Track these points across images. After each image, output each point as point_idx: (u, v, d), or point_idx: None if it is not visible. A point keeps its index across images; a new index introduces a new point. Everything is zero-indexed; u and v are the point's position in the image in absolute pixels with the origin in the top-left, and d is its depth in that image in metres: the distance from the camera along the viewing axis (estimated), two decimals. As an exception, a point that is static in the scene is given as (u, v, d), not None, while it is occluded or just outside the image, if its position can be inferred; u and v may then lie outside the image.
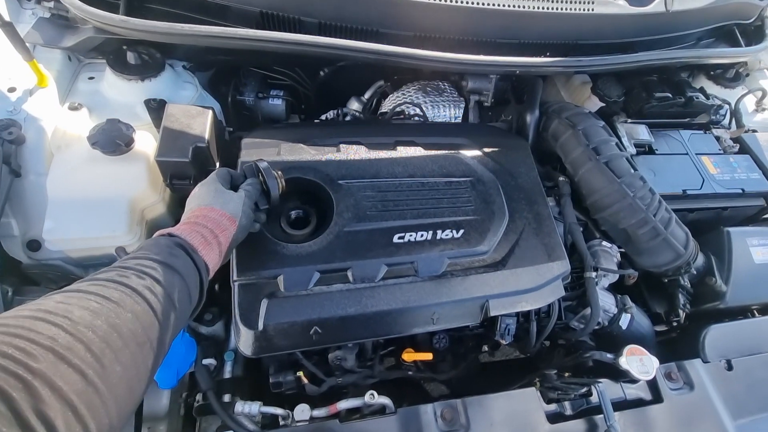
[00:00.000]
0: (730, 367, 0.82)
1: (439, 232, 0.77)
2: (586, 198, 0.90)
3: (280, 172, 0.68)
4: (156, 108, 0.84)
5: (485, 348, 0.92)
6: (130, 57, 0.85)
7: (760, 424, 0.77)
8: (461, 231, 0.78)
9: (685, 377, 0.79)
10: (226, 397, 0.76)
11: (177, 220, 0.62)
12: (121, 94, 0.86)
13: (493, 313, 0.74)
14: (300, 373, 0.76)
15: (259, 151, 0.80)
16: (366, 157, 0.83)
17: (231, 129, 0.99)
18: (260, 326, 0.65)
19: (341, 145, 0.83)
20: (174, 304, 0.46)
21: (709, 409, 0.77)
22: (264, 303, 0.67)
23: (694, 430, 0.74)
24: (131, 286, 0.42)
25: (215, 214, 0.58)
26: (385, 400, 0.75)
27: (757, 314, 0.95)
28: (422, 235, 0.76)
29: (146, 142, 0.79)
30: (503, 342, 0.77)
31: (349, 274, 0.71)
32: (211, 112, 0.80)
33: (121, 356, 0.37)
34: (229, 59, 1.05)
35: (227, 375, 0.81)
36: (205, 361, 0.77)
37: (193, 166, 0.75)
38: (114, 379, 0.36)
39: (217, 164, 0.82)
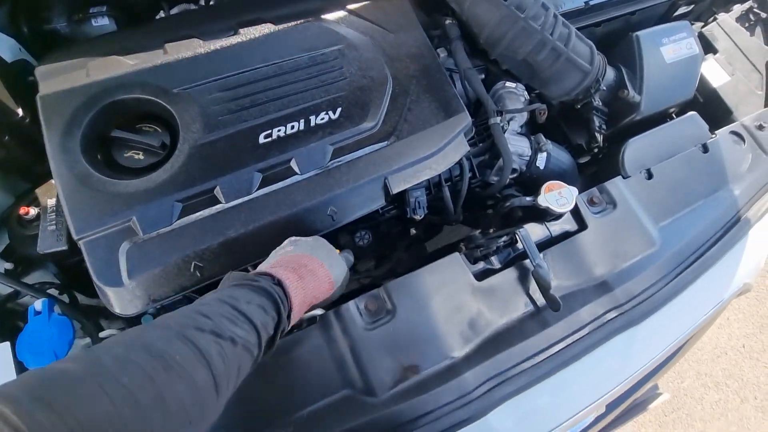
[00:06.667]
0: (650, 176, 0.80)
1: (312, 118, 0.65)
2: (479, 36, 0.78)
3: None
4: None
5: (413, 231, 0.86)
6: None
7: (681, 220, 0.77)
8: (338, 110, 0.67)
9: (607, 198, 0.77)
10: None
11: None
12: None
13: (395, 190, 0.66)
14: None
15: (63, 78, 0.63)
16: (202, 51, 0.66)
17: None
18: (125, 281, 0.56)
19: (167, 45, 0.66)
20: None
21: (632, 221, 0.75)
22: (123, 254, 0.56)
23: (619, 245, 0.73)
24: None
25: (326, 287, 0.53)
26: (316, 312, 0.70)
27: (675, 117, 0.91)
28: (293, 127, 0.64)
29: None
30: (416, 217, 0.71)
31: (218, 193, 0.60)
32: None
33: None
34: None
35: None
36: (83, 342, 0.68)
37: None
38: None
39: (20, 112, 0.64)
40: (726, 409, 1.63)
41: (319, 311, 0.71)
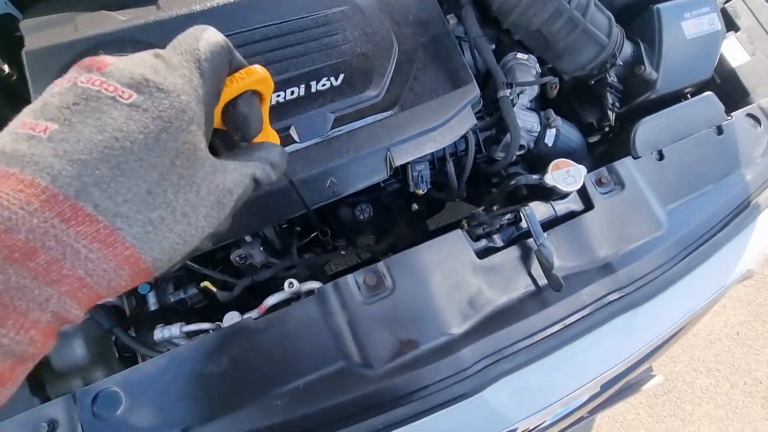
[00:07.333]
0: (661, 157, 0.77)
1: (313, 83, 0.62)
2: (491, 2, 0.74)
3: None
4: None
5: (415, 206, 0.85)
6: None
7: (690, 204, 0.75)
8: (341, 76, 0.63)
9: (616, 178, 0.75)
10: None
11: None
12: None
13: (398, 163, 0.64)
14: (205, 284, 0.68)
15: (50, 32, 0.59)
16: (197, 8, 0.62)
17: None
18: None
19: (160, 1, 0.62)
20: None
21: (640, 202, 0.73)
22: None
23: (626, 227, 0.72)
24: None
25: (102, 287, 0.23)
26: (315, 284, 0.69)
27: (690, 97, 0.88)
28: (293, 92, 0.61)
29: None
30: (419, 192, 0.69)
31: (213, 160, 0.58)
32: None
33: None
34: None
35: (153, 307, 0.74)
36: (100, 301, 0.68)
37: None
38: None
39: (5, 68, 0.61)
40: (715, 393, 1.66)
41: (316, 283, 0.70)
